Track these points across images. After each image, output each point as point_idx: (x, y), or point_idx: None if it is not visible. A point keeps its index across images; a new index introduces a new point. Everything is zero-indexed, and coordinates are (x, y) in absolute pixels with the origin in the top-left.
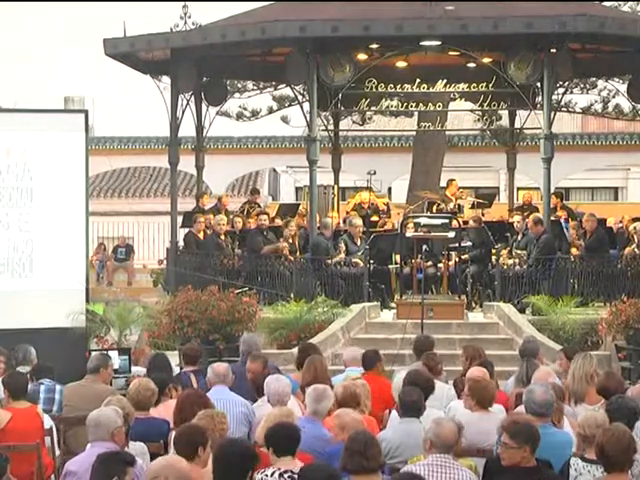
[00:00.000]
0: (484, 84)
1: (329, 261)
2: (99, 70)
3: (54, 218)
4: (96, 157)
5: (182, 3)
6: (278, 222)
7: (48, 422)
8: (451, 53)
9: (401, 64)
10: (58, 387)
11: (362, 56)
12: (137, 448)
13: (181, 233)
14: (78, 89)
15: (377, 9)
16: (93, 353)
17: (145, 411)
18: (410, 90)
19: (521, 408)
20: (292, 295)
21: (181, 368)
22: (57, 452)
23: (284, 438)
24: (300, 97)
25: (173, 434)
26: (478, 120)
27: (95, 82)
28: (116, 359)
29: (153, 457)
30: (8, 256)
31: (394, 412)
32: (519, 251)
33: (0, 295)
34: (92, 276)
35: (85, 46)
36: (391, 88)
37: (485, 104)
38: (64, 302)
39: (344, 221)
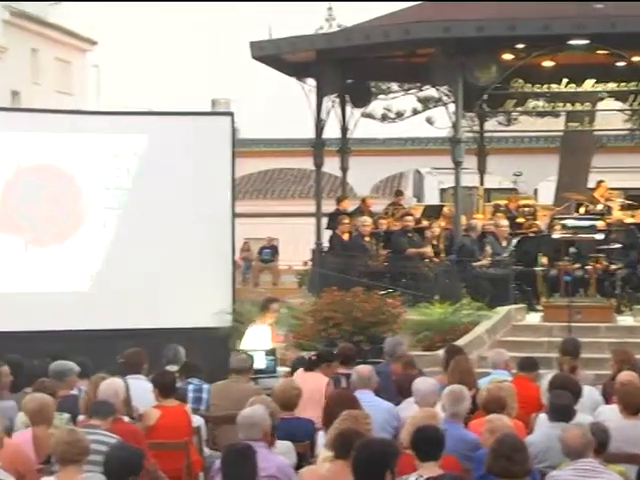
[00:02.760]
0: (634, 83)
1: (475, 263)
2: (245, 73)
3: (201, 219)
4: (242, 159)
5: (327, 5)
6: (423, 223)
7: (196, 421)
8: (599, 52)
9: (548, 63)
10: (205, 386)
11: (508, 56)
12: (283, 447)
13: (326, 234)
14: (225, 92)
15: (522, 8)
16: (237, 353)
17: (290, 411)
18: (557, 90)
19: None
20: (437, 297)
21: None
22: (205, 450)
23: (428, 443)
24: (445, 98)
25: (320, 434)
26: (628, 120)
27: (241, 84)
28: (262, 359)
29: (300, 457)
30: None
31: (542, 416)
32: None
33: (149, 294)
34: (238, 276)
35: (232, 49)
36: (538, 88)
37: (635, 103)
38: (211, 302)
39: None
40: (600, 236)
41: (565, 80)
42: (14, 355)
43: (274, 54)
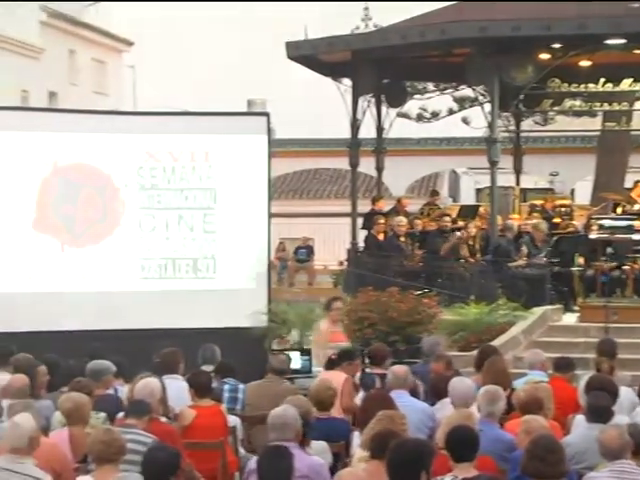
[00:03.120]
0: None
1: (511, 264)
2: (281, 73)
3: (237, 219)
4: (277, 159)
5: (363, 5)
6: (458, 224)
7: (232, 421)
8: (636, 51)
9: (585, 63)
10: (241, 386)
11: (544, 56)
12: (319, 447)
13: (361, 234)
14: (260, 92)
15: (559, 8)
16: (277, 354)
17: (326, 411)
18: (594, 89)
19: None
20: (472, 297)
21: (363, 370)
22: (240, 450)
23: (463, 443)
24: (481, 98)
25: (355, 434)
26: None
27: (277, 84)
28: (298, 359)
29: (335, 457)
30: (193, 256)
31: (579, 417)
32: None
33: (185, 295)
34: (273, 276)
35: (268, 49)
36: (574, 88)
37: None
38: (246, 302)
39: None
40: (637, 236)
41: (602, 80)
42: (51, 355)
43: (310, 54)
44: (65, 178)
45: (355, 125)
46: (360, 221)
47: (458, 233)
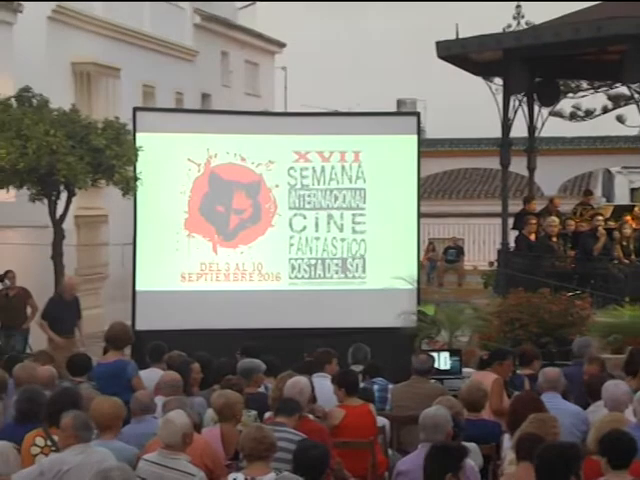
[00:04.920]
0: None
1: None
2: (430, 72)
3: (386, 219)
4: (427, 159)
5: (515, 3)
6: (611, 224)
7: (381, 421)
8: None
9: None
10: (390, 386)
11: None
12: (469, 449)
13: (512, 235)
14: (410, 92)
15: None
16: (419, 354)
17: (477, 412)
18: None
19: None
20: (627, 299)
21: (513, 371)
22: (389, 451)
23: (619, 449)
24: (637, 96)
25: (506, 436)
26: None
27: (427, 84)
28: (447, 360)
29: (485, 459)
30: (342, 256)
31: None
32: None
33: (334, 295)
34: (423, 277)
35: (417, 49)
36: None
37: None
38: (395, 302)
39: None
40: None
41: None
42: (203, 353)
43: (460, 53)
44: (217, 178)
45: (506, 124)
46: (511, 221)
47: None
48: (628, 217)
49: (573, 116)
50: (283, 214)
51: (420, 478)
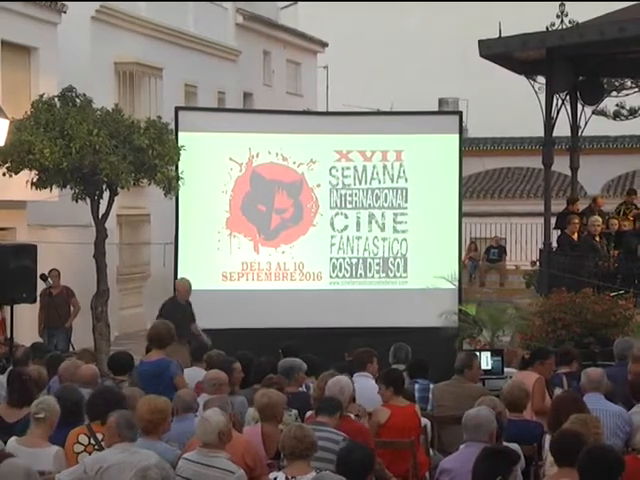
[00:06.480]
0: None
1: None
2: (473, 71)
3: (428, 219)
4: (469, 158)
5: (559, 2)
6: None
7: (422, 421)
8: None
9: None
10: (432, 386)
11: None
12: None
13: (554, 234)
14: (452, 91)
15: None
16: (459, 353)
17: (519, 412)
18: None
19: None
20: None
21: (554, 370)
22: (430, 451)
23: None
24: None
25: (548, 437)
26: None
27: (469, 83)
28: (489, 360)
29: (526, 460)
30: (384, 256)
31: None
32: None
33: (376, 294)
34: (464, 276)
35: (459, 47)
36: None
37: None
38: (437, 302)
39: None
40: None
41: None
42: (244, 352)
43: (503, 52)
44: (259, 178)
45: (549, 123)
46: (553, 221)
47: None
48: None
49: (617, 115)
50: (325, 214)
51: (463, 476)
